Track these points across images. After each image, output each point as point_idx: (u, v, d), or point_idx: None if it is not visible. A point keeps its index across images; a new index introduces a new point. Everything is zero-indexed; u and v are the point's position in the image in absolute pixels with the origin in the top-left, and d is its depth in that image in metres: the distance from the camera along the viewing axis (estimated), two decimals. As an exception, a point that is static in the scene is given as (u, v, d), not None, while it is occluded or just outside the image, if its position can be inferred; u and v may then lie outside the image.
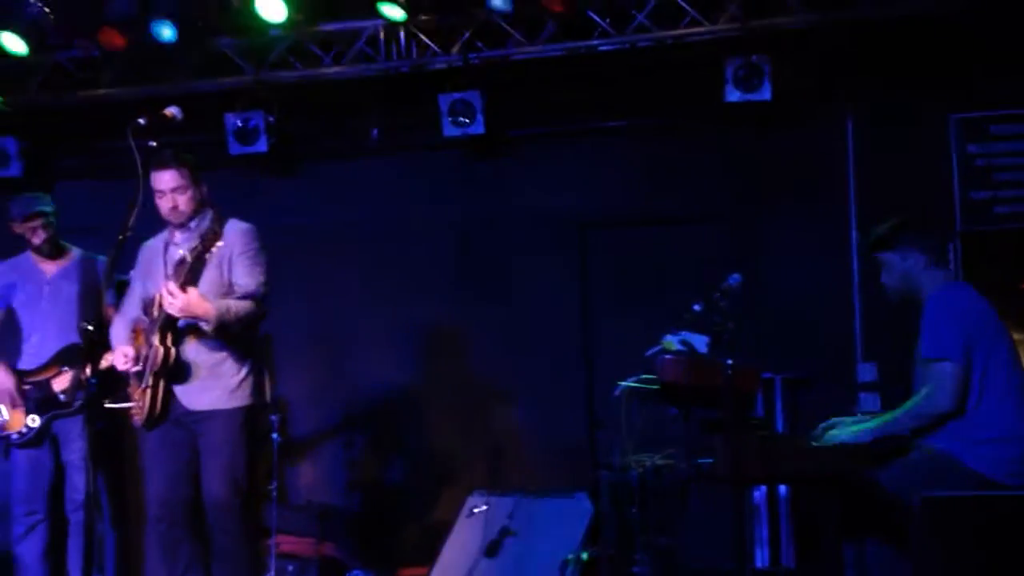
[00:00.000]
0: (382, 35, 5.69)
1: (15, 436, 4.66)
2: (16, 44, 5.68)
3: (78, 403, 4.58)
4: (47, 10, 5.64)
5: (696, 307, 3.68)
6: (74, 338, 4.66)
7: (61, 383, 4.66)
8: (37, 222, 4.73)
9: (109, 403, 4.27)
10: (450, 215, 5.96)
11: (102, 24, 5.61)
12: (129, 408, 3.99)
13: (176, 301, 3.71)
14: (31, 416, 4.65)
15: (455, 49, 5.65)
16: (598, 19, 5.46)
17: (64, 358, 4.68)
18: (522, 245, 5.83)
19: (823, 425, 3.52)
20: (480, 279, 5.87)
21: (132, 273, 4.25)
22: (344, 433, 5.80)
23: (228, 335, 3.88)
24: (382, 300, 5.89)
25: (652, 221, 5.71)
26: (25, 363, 4.75)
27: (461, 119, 5.62)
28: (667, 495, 3.80)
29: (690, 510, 3.85)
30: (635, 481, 3.81)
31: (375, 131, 6.05)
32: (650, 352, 3.98)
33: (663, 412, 3.96)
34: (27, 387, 4.68)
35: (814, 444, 3.37)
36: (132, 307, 4.10)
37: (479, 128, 5.64)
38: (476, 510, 4.54)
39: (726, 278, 3.65)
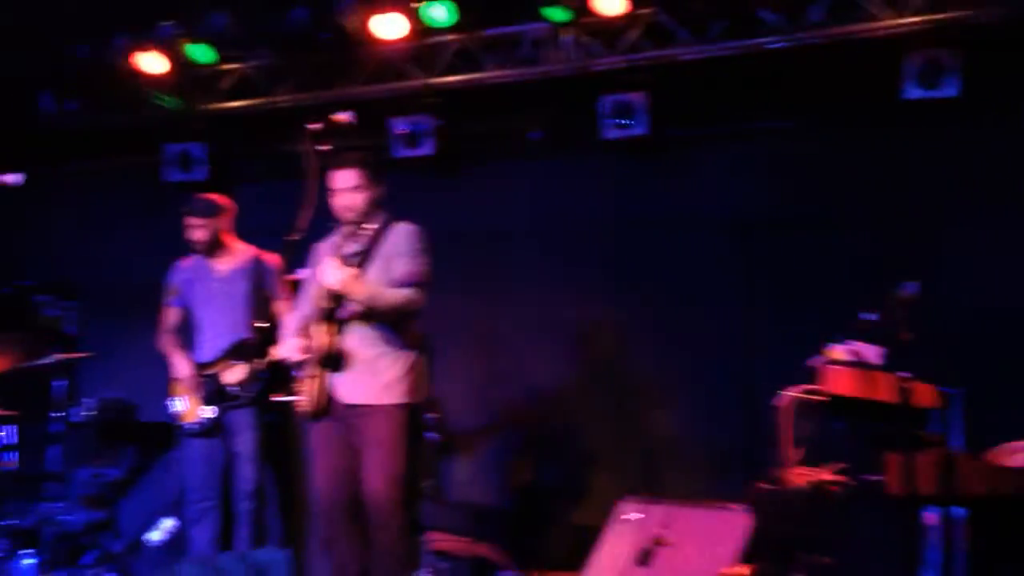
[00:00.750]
0: (546, 38, 5.72)
1: (190, 426, 4.91)
2: (204, 54, 6.03)
3: (247, 396, 4.78)
4: (232, 20, 5.96)
5: (867, 316, 3.49)
6: (243, 333, 4.87)
7: (232, 376, 4.87)
8: (199, 221, 4.97)
9: (278, 396, 4.45)
10: (610, 217, 5.89)
11: (282, 33, 5.89)
12: (295, 401, 4.13)
13: (335, 274, 3.81)
14: (205, 407, 4.88)
15: (619, 50, 5.60)
16: (768, 16, 5.29)
17: (234, 353, 4.89)
18: (683, 248, 5.70)
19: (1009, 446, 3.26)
20: (639, 281, 5.77)
21: (305, 272, 4.41)
22: (500, 434, 5.83)
23: (383, 321, 3.96)
24: (541, 301, 5.89)
25: (820, 225, 5.46)
26: (199, 357, 5.00)
27: (622, 121, 5.56)
28: (830, 512, 3.61)
29: (855, 529, 3.64)
30: (796, 495, 3.64)
31: (537, 133, 6.07)
32: (815, 361, 3.81)
33: (828, 424, 3.77)
34: (202, 380, 4.92)
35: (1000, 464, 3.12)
36: (304, 304, 4.25)
37: (640, 130, 5.55)
38: (628, 517, 4.44)
39: (901, 286, 3.44)
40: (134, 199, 6.77)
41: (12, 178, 4.21)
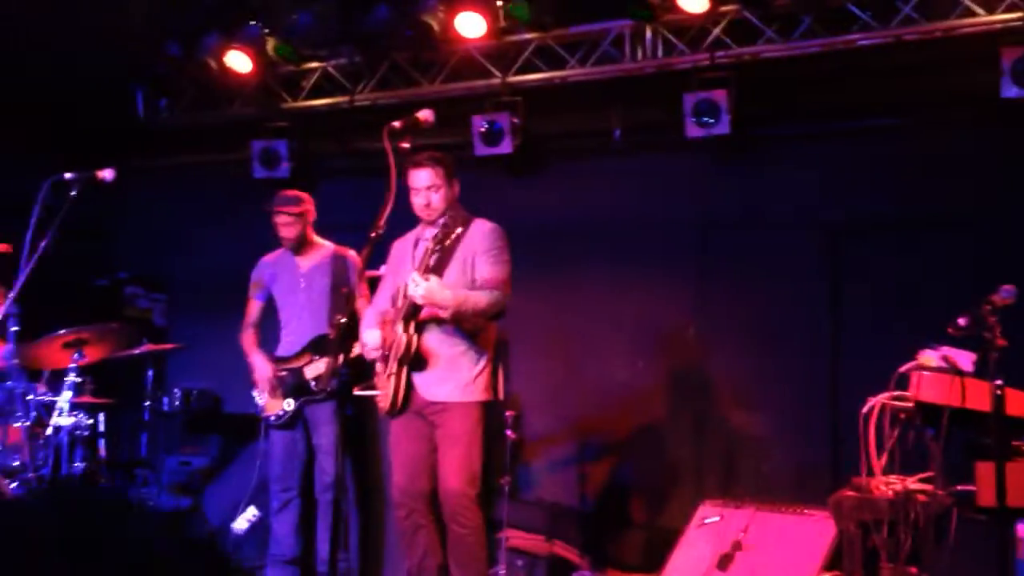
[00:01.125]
0: (628, 35, 5.68)
1: (272, 418, 4.99)
2: (287, 53, 6.14)
3: (326, 390, 4.85)
4: (315, 20, 6.06)
5: (961, 321, 3.37)
6: (324, 329, 4.94)
7: (313, 370, 4.95)
8: (285, 218, 5.04)
9: (357, 391, 4.50)
10: (691, 216, 5.82)
11: (363, 32, 5.96)
12: (375, 395, 4.18)
13: (419, 288, 3.85)
14: (286, 400, 4.96)
15: (703, 47, 5.54)
16: (859, 12, 5.17)
17: (315, 347, 4.97)
18: (766, 249, 5.59)
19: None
20: (721, 282, 5.69)
21: (384, 268, 4.46)
22: (577, 433, 5.81)
23: (466, 325, 3.98)
24: (620, 301, 5.85)
25: (910, 226, 5.31)
26: (281, 351, 5.09)
27: (705, 119, 5.48)
28: (919, 522, 3.50)
29: (945, 540, 3.53)
30: (884, 504, 3.54)
31: (617, 132, 6.03)
32: (905, 367, 3.70)
33: (918, 432, 3.66)
34: (283, 373, 5.01)
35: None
36: (383, 299, 4.29)
37: (724, 128, 5.47)
38: (708, 520, 4.38)
39: (998, 290, 3.32)
40: (222, 195, 6.91)
41: (107, 174, 4.35)
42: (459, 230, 3.91)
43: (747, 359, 5.56)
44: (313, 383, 4.91)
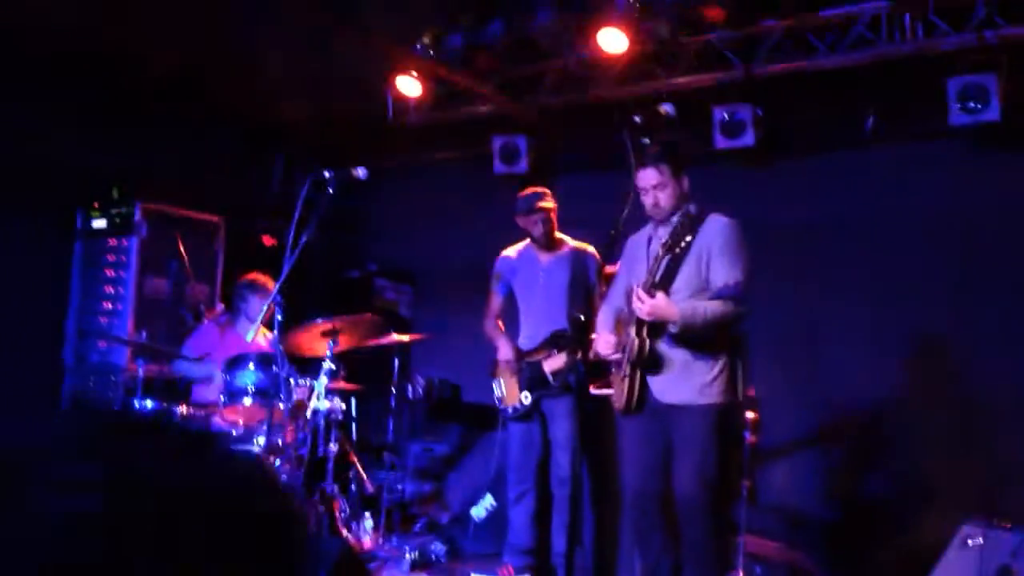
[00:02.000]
0: (884, 17, 5.32)
1: (510, 410, 5.07)
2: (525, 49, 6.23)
3: (562, 385, 4.88)
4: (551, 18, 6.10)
5: None
6: (563, 324, 4.97)
7: (551, 365, 4.98)
8: (538, 216, 5.11)
9: (595, 389, 4.49)
10: (954, 208, 5.39)
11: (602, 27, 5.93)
12: (610, 394, 4.16)
13: (644, 306, 3.78)
14: (523, 393, 5.02)
15: (969, 27, 5.09)
16: None
17: (554, 342, 5.00)
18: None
19: None
20: (987, 280, 5.24)
21: (619, 265, 4.42)
22: (821, 439, 5.54)
23: (697, 336, 3.87)
24: (872, 299, 5.52)
25: None
26: (521, 344, 5.16)
27: (972, 104, 5.05)
28: None
29: None
30: None
31: (870, 120, 5.68)
32: None
33: None
34: (522, 367, 5.08)
35: None
36: (617, 297, 4.25)
37: (993, 114, 5.02)
38: (971, 542, 4.04)
39: None
40: (464, 190, 7.12)
41: (360, 172, 4.58)
42: (688, 238, 3.78)
43: (1014, 367, 5.08)
44: (551, 377, 4.94)
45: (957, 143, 5.35)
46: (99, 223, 6.27)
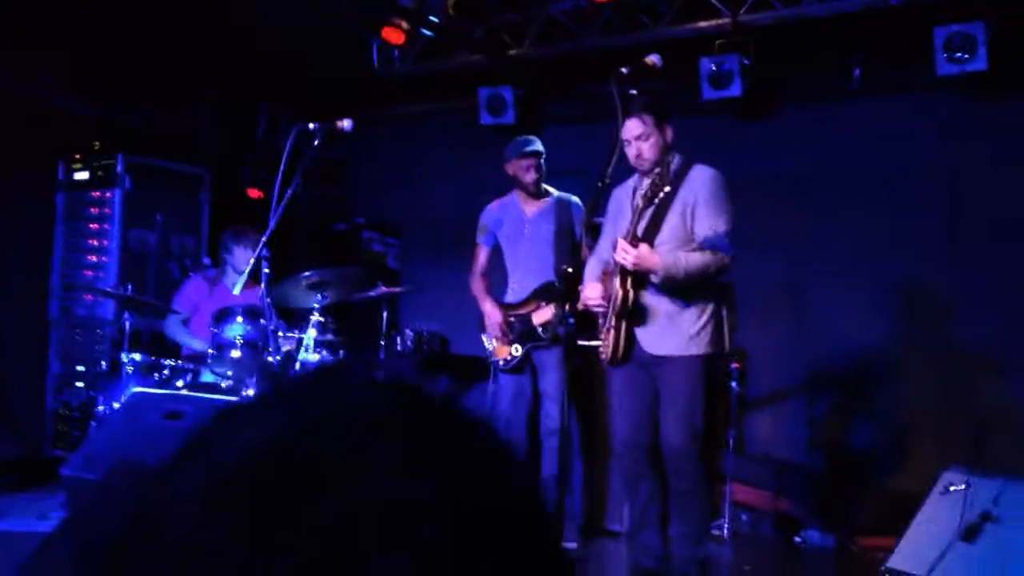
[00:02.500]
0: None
1: (501, 363, 5.10)
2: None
3: (552, 337, 4.90)
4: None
5: None
6: (550, 275, 4.98)
7: (540, 317, 5.00)
8: (531, 161, 5.06)
9: (582, 341, 4.51)
10: (942, 161, 5.41)
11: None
12: (598, 346, 4.18)
13: (628, 257, 3.78)
14: (514, 346, 5.05)
15: (957, -24, 5.07)
16: None
17: (542, 294, 5.02)
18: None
19: None
20: (973, 234, 5.27)
21: (606, 216, 4.42)
22: (807, 389, 5.60)
23: (680, 286, 3.89)
24: (858, 252, 5.55)
25: None
26: (509, 297, 5.16)
27: (959, 55, 5.04)
28: None
29: None
30: None
31: (857, 71, 5.66)
32: None
33: None
34: (511, 319, 5.10)
35: None
36: (605, 249, 4.25)
37: (980, 64, 5.01)
38: (953, 488, 4.10)
39: None
40: (450, 142, 7.09)
41: (345, 123, 4.54)
42: (667, 189, 3.76)
43: (1003, 317, 5.13)
44: (540, 330, 4.96)
45: (944, 93, 5.35)
46: (81, 175, 6.21)
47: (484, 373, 5.30)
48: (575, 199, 5.10)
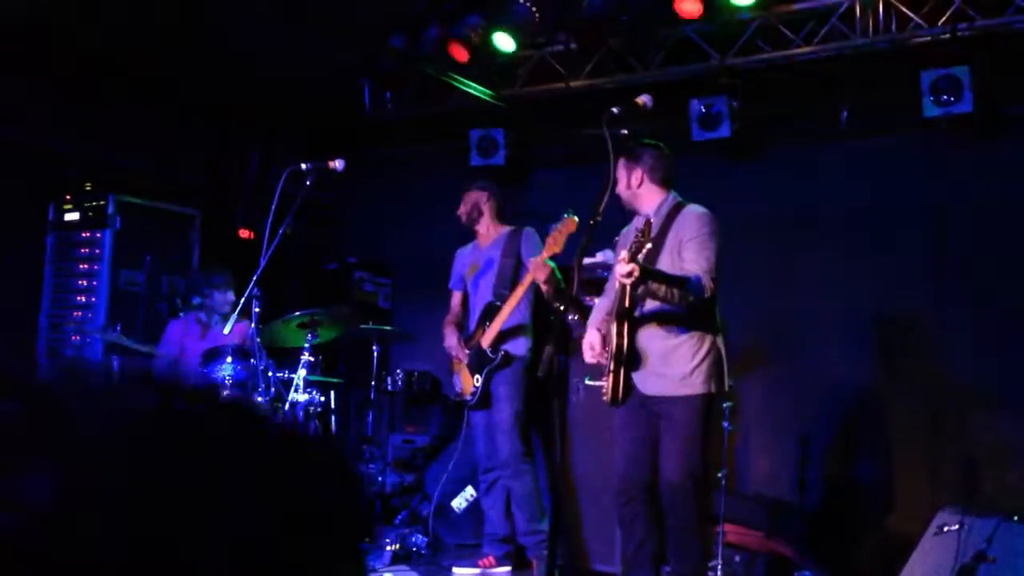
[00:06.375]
0: (858, 10, 5.37)
1: (469, 399, 5.04)
2: (507, 43, 6.22)
3: (499, 357, 4.86)
4: (534, 9, 6.10)
5: None
6: (490, 297, 4.97)
7: (487, 339, 4.94)
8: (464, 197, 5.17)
9: (588, 381, 4.51)
10: (927, 201, 5.46)
11: (579, 19, 5.94)
12: (602, 387, 4.18)
13: (623, 267, 3.75)
14: (475, 376, 4.99)
15: (942, 21, 5.15)
16: None
17: (485, 316, 4.99)
18: (1015, 237, 5.16)
19: None
20: (960, 272, 5.31)
21: (600, 255, 4.44)
22: (798, 427, 5.57)
23: (677, 311, 3.90)
24: (846, 291, 5.58)
25: None
26: (467, 332, 5.16)
27: (944, 97, 5.11)
28: None
29: None
30: None
31: (845, 113, 5.73)
32: None
33: None
34: (467, 351, 5.05)
35: None
36: (606, 297, 4.29)
37: (965, 107, 5.08)
38: (947, 528, 4.09)
39: None
40: (442, 183, 7.11)
41: (337, 164, 4.56)
42: (649, 246, 3.76)
43: (990, 356, 5.15)
44: (488, 350, 4.94)
45: (931, 134, 5.41)
46: (71, 216, 6.20)
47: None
48: (528, 229, 5.10)
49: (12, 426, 0.57)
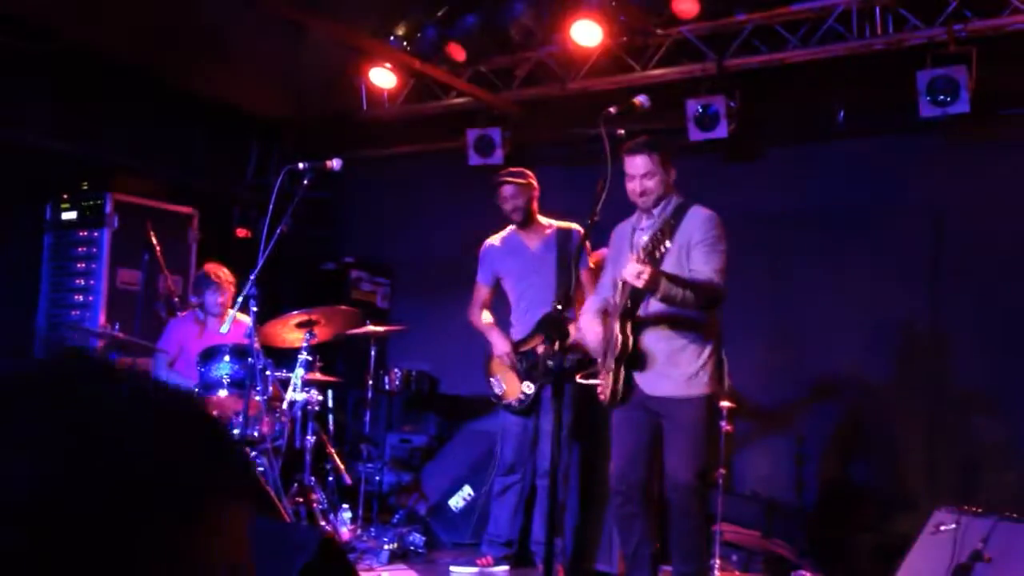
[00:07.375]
0: (855, 11, 5.38)
1: (514, 403, 4.94)
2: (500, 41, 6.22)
3: (559, 370, 4.80)
4: (527, 8, 6.10)
5: None
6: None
7: (546, 351, 4.86)
8: (511, 188, 4.95)
9: (582, 378, 4.49)
10: (925, 202, 5.47)
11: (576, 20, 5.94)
12: (598, 385, 4.17)
13: (635, 269, 3.73)
14: (525, 384, 4.90)
15: (939, 21, 5.16)
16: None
17: (544, 326, 4.86)
18: (1013, 238, 5.17)
19: None
20: (958, 272, 5.31)
21: (606, 256, 4.42)
22: (796, 427, 5.60)
23: (684, 312, 3.89)
24: (845, 291, 5.58)
25: None
26: (515, 334, 5.02)
27: (941, 97, 5.12)
28: None
29: None
30: None
31: (841, 113, 5.74)
32: None
33: None
34: (518, 356, 4.94)
35: None
36: (605, 288, 4.26)
37: (963, 107, 5.09)
38: (944, 528, 4.09)
39: None
40: (441, 182, 7.11)
41: (335, 163, 4.55)
42: (668, 244, 3.77)
43: (987, 357, 5.16)
44: (555, 362, 4.87)
45: (927, 135, 5.42)
46: (69, 215, 6.19)
47: (471, 413, 5.26)
48: (574, 226, 4.97)
49: None
